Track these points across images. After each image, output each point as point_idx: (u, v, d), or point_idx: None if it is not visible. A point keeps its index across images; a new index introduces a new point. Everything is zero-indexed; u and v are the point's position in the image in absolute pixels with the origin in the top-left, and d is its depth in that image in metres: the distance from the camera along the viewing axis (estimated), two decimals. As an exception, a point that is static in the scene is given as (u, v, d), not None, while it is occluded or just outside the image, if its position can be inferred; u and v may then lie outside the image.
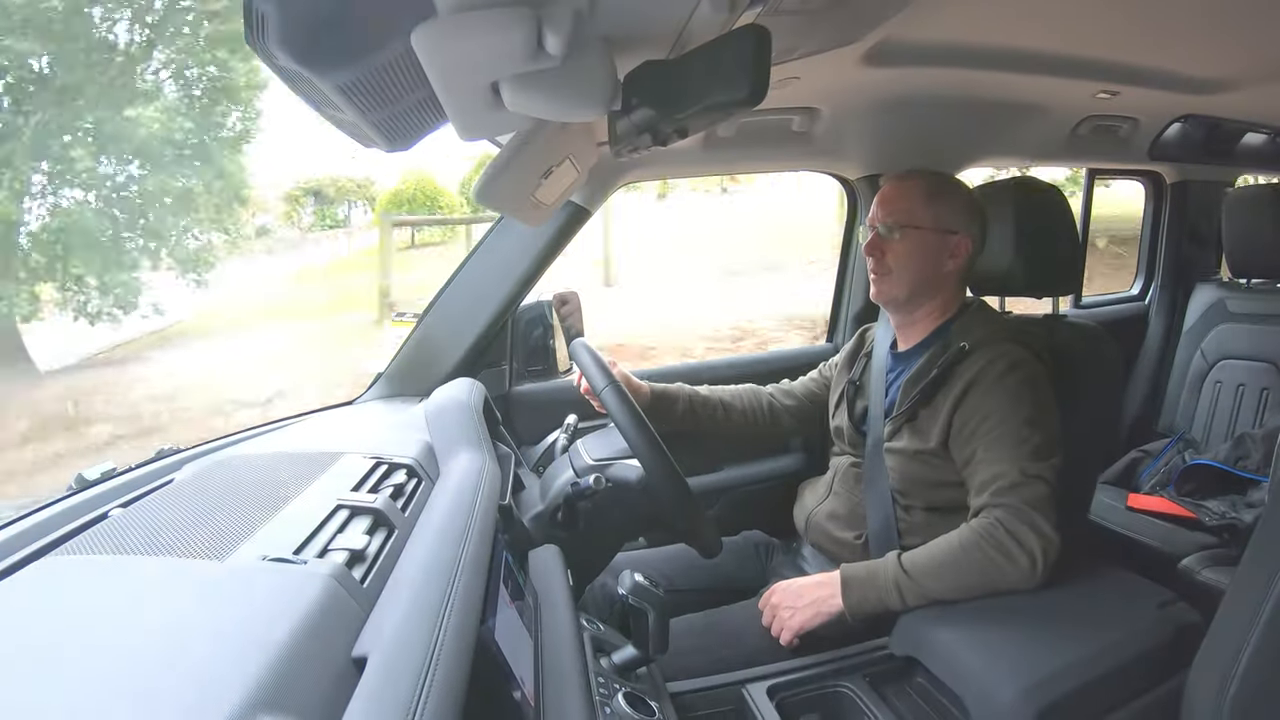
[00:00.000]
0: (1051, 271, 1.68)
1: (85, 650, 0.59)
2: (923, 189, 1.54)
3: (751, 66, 0.84)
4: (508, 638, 0.85)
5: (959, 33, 1.53)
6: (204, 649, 0.59)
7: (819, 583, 1.42)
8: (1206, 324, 2.77)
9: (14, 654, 0.59)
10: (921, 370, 1.52)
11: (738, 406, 1.86)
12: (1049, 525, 1.32)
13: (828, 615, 1.39)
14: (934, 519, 1.48)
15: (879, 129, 2.03)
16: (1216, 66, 1.86)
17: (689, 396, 1.82)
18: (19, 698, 0.53)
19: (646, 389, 1.75)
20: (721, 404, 1.85)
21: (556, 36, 0.73)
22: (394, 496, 0.98)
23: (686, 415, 1.81)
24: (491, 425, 1.45)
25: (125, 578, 0.74)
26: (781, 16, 1.08)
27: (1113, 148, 2.50)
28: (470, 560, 0.80)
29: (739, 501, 2.07)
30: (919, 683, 1.38)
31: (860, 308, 2.33)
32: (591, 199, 1.89)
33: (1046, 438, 1.39)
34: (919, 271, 1.53)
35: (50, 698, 0.53)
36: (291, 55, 0.72)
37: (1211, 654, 1.09)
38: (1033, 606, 1.31)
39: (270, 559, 0.74)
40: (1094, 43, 1.65)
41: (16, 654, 0.59)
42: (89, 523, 1.02)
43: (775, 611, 1.44)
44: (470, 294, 1.87)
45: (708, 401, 1.84)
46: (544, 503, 1.42)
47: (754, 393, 1.90)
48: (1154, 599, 1.34)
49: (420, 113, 0.98)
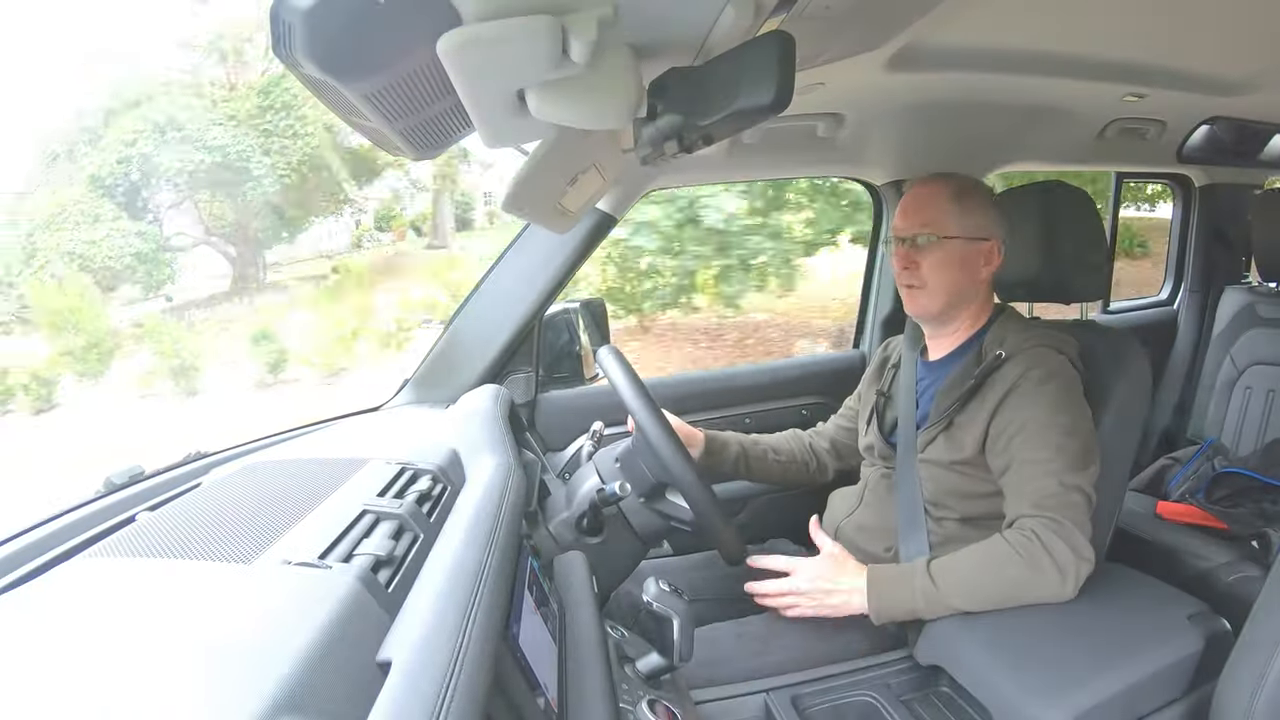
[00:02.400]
0: (1080, 276, 1.66)
1: (112, 653, 0.60)
2: (951, 196, 1.52)
3: (776, 73, 0.84)
4: (532, 644, 0.85)
5: (983, 36, 1.52)
6: (229, 652, 0.59)
7: (848, 588, 1.40)
8: (1236, 329, 2.73)
9: (42, 656, 0.60)
10: (957, 380, 1.50)
11: (785, 449, 1.87)
12: (1084, 539, 1.30)
13: (845, 612, 1.39)
14: (967, 530, 1.46)
15: (904, 134, 2.02)
16: (1244, 68, 1.84)
17: (740, 442, 1.83)
18: (46, 700, 0.54)
19: (701, 436, 1.77)
20: (772, 448, 1.86)
21: (582, 44, 0.73)
22: (419, 502, 0.98)
23: (739, 460, 1.82)
24: (517, 431, 1.46)
25: (152, 581, 0.74)
26: (805, 22, 1.07)
27: (1140, 151, 2.47)
28: (495, 566, 0.81)
29: (766, 509, 2.07)
30: (944, 692, 1.37)
31: (888, 313, 2.32)
32: (618, 206, 1.90)
33: (1084, 446, 1.37)
34: (954, 282, 1.51)
35: (77, 700, 0.54)
36: (317, 64, 0.73)
37: (1241, 663, 1.08)
38: (1060, 615, 1.30)
39: (296, 563, 0.74)
40: (1120, 45, 1.63)
41: (44, 656, 0.60)
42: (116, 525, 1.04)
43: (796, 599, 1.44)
44: (497, 300, 1.89)
45: (757, 444, 1.85)
46: (569, 509, 1.42)
47: (796, 436, 1.92)
48: (1183, 608, 1.33)
49: (446, 120, 0.98)
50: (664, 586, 1.14)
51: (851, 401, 1.90)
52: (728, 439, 1.81)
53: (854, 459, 1.81)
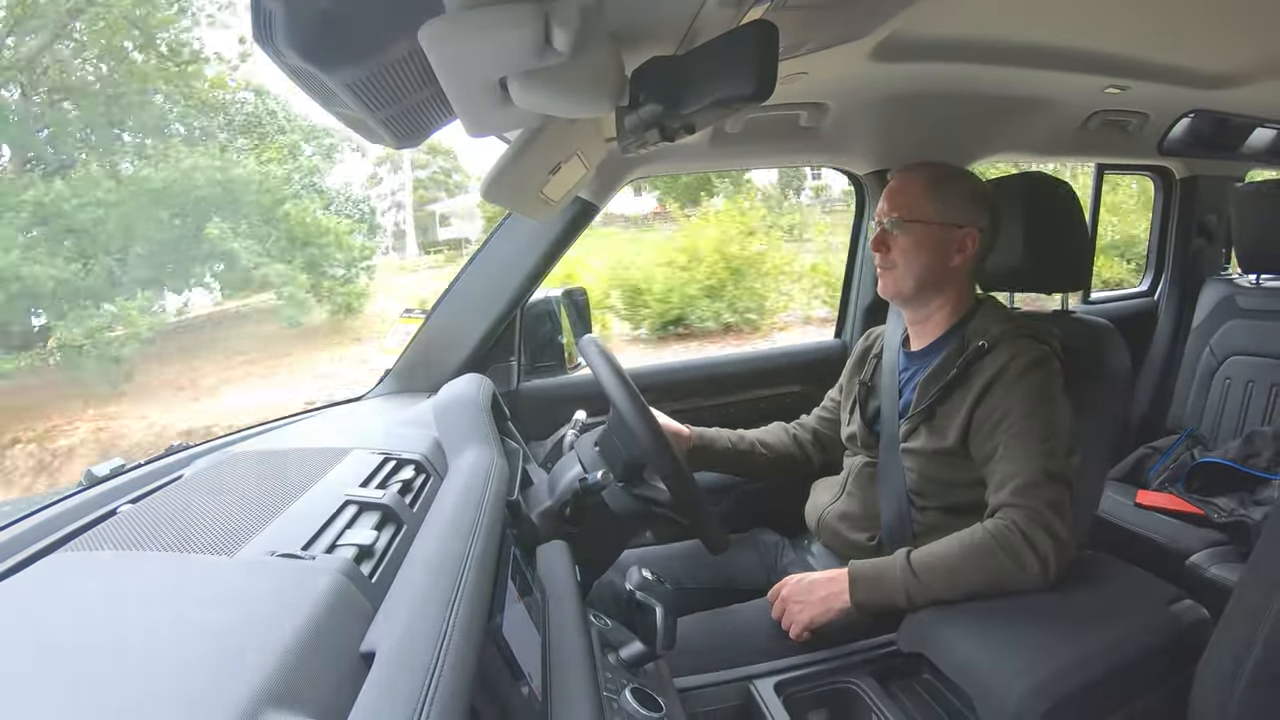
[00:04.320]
0: (1061, 267, 1.67)
1: (94, 646, 0.60)
2: (926, 182, 1.53)
3: (759, 62, 0.85)
4: (515, 633, 0.85)
5: (967, 27, 1.52)
6: (213, 644, 0.59)
7: (829, 578, 1.42)
8: (1216, 320, 2.76)
9: (22, 650, 0.60)
10: (939, 369, 1.51)
11: (772, 444, 1.87)
12: (1064, 528, 1.31)
13: (837, 611, 1.39)
14: (950, 519, 1.47)
15: (886, 124, 2.02)
16: (1225, 61, 1.85)
17: (727, 438, 1.83)
18: (27, 694, 0.54)
19: (688, 434, 1.77)
20: (759, 443, 1.86)
21: (564, 33, 0.73)
22: (402, 492, 0.98)
23: (727, 455, 1.82)
24: (499, 421, 1.45)
25: (134, 574, 0.74)
26: (789, 12, 1.07)
27: (1122, 143, 2.48)
28: (478, 556, 0.81)
29: (748, 499, 2.07)
30: (926, 679, 1.38)
31: (869, 303, 2.32)
32: (599, 194, 1.89)
33: (1065, 436, 1.39)
34: (924, 265, 1.52)
35: (59, 694, 0.54)
36: (299, 53, 0.73)
37: (1219, 650, 1.09)
38: (1041, 603, 1.31)
39: (279, 554, 0.74)
40: (1102, 37, 1.64)
41: (25, 650, 0.60)
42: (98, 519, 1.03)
43: (785, 605, 1.44)
44: (478, 290, 1.88)
45: (744, 439, 1.85)
46: (552, 498, 1.42)
47: (783, 429, 1.92)
48: (1162, 595, 1.34)
49: (428, 109, 0.97)
50: (646, 575, 1.14)
51: (834, 393, 1.90)
52: (715, 436, 1.81)
53: (837, 450, 1.81)
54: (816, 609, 1.40)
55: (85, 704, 0.53)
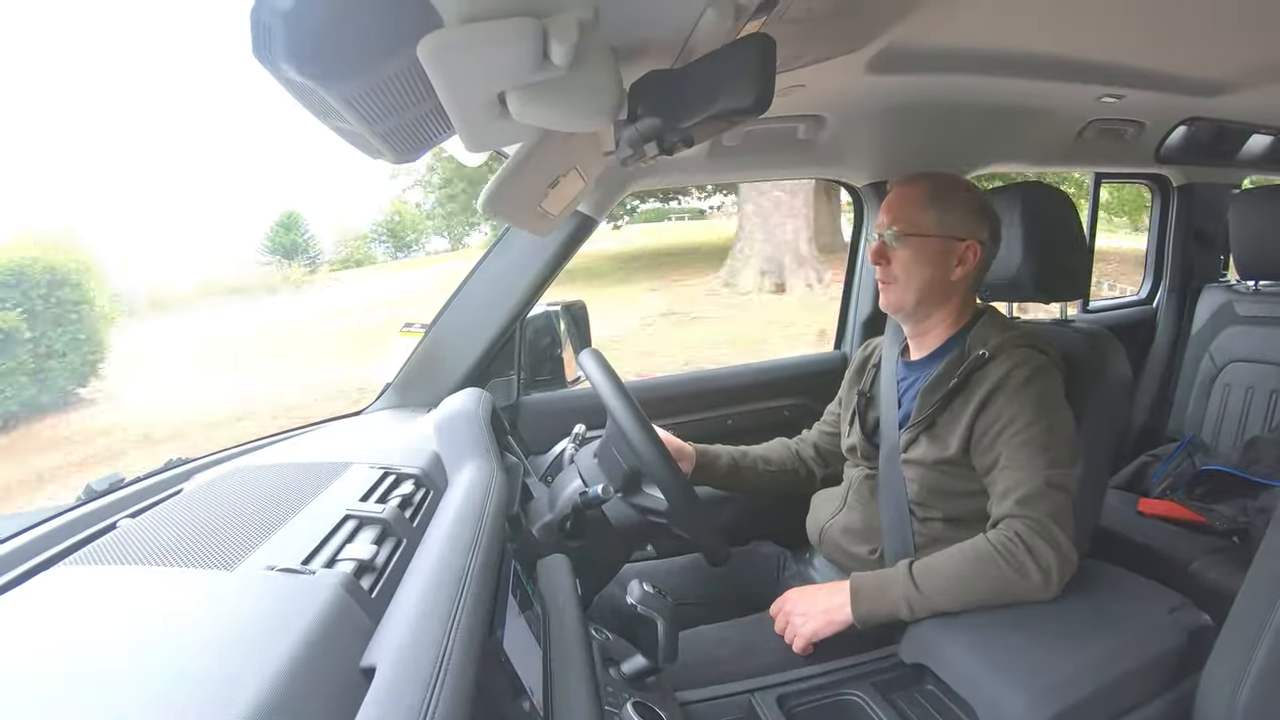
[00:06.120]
0: (1060, 276, 1.67)
1: (93, 661, 0.59)
2: (926, 193, 1.53)
3: (756, 75, 0.85)
4: (516, 647, 0.85)
5: (963, 38, 1.52)
6: (212, 659, 0.59)
7: (831, 591, 1.42)
8: (1215, 327, 2.76)
9: (21, 665, 0.60)
10: (940, 378, 1.50)
11: (775, 459, 1.88)
12: (1067, 539, 1.31)
13: (840, 624, 1.38)
14: (951, 530, 1.47)
15: (884, 135, 2.03)
16: (1221, 69, 1.85)
17: (730, 453, 1.83)
18: (27, 710, 0.54)
19: (691, 450, 1.76)
20: (762, 459, 1.87)
21: (562, 46, 0.73)
22: (402, 507, 0.98)
23: (730, 471, 1.82)
24: (499, 435, 1.45)
25: (133, 588, 0.74)
26: (786, 25, 1.07)
27: (1119, 151, 2.49)
28: (479, 570, 0.80)
29: (748, 511, 2.06)
30: (928, 690, 1.37)
31: (869, 315, 2.33)
32: (598, 208, 1.90)
33: (1067, 445, 1.38)
34: (925, 279, 1.52)
35: (58, 709, 0.53)
36: (297, 67, 0.73)
37: (1223, 657, 1.09)
38: (1043, 612, 1.30)
39: (279, 569, 0.74)
40: (1098, 46, 1.64)
41: (24, 665, 0.60)
42: (97, 533, 1.03)
43: (788, 618, 1.44)
44: (478, 304, 1.88)
45: (747, 455, 1.86)
46: (552, 512, 1.42)
47: (784, 445, 1.92)
48: (1165, 603, 1.34)
49: (427, 124, 0.97)
50: (648, 588, 1.14)
51: (834, 407, 1.90)
52: (719, 452, 1.81)
53: (838, 464, 1.81)
54: (819, 622, 1.39)
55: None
